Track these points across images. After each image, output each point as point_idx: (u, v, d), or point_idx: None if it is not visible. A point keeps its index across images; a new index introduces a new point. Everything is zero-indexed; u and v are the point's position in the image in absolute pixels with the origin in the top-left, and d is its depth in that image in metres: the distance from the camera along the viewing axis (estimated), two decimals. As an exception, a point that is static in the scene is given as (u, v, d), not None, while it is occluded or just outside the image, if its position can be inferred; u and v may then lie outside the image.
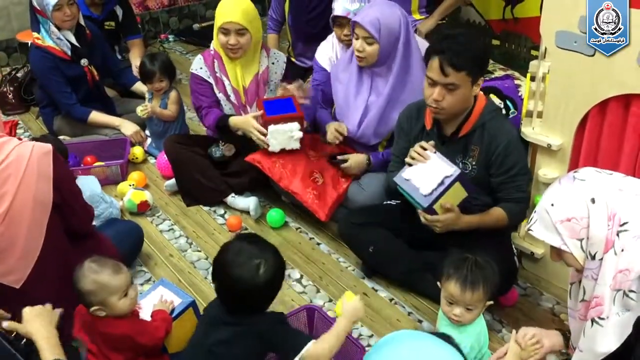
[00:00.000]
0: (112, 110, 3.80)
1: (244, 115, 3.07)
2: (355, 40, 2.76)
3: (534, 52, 3.43)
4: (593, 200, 1.59)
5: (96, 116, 3.63)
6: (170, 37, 5.46)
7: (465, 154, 2.37)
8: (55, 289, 2.04)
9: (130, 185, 3.20)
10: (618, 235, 1.58)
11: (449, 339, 1.50)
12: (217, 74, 3.09)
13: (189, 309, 2.16)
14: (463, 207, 2.33)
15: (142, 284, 2.65)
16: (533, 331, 1.90)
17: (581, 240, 1.62)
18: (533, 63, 2.39)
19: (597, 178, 1.64)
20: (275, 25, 4.09)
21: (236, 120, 3.03)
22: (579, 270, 1.70)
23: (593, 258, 1.62)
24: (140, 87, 3.86)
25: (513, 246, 2.49)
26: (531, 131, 2.44)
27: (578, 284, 1.78)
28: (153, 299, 2.14)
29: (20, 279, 2.04)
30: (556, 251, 1.69)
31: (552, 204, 1.64)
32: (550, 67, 2.30)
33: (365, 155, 2.91)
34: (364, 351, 2.03)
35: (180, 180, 3.21)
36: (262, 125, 2.90)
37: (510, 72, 3.36)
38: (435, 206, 2.26)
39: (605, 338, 1.64)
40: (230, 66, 3.07)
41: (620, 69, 2.09)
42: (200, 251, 2.89)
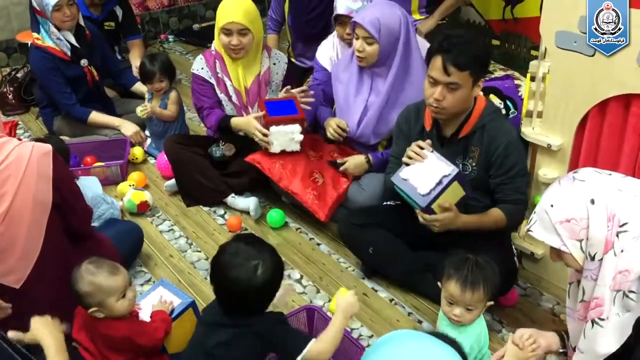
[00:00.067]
0: (112, 110, 3.79)
1: (245, 116, 3.07)
2: (356, 40, 2.76)
3: (533, 52, 3.43)
4: (592, 201, 1.59)
5: (96, 116, 3.63)
6: (170, 38, 5.46)
7: (465, 155, 2.36)
8: (55, 289, 2.04)
9: (130, 186, 3.20)
10: (618, 236, 1.58)
11: (451, 339, 1.50)
12: (219, 75, 3.09)
13: (189, 309, 2.16)
14: (464, 209, 2.33)
15: (142, 285, 2.65)
16: (529, 332, 1.90)
17: (581, 241, 1.62)
18: (533, 63, 2.39)
19: (597, 179, 1.63)
20: (275, 25, 4.08)
21: (238, 121, 3.03)
22: (579, 271, 1.70)
23: (592, 259, 1.61)
24: (140, 88, 3.86)
25: (513, 246, 2.49)
26: (531, 131, 2.44)
27: (577, 283, 1.78)
28: (153, 300, 2.14)
29: (20, 279, 2.04)
30: (556, 252, 1.69)
31: (552, 205, 1.64)
32: (550, 67, 2.30)
33: (363, 156, 2.91)
34: (363, 351, 2.02)
35: (180, 180, 3.21)
36: (264, 126, 2.90)
37: (510, 72, 3.36)
38: (434, 206, 2.25)
39: (605, 339, 1.64)
40: (232, 67, 3.07)
41: (620, 69, 2.09)
42: (200, 251, 2.88)
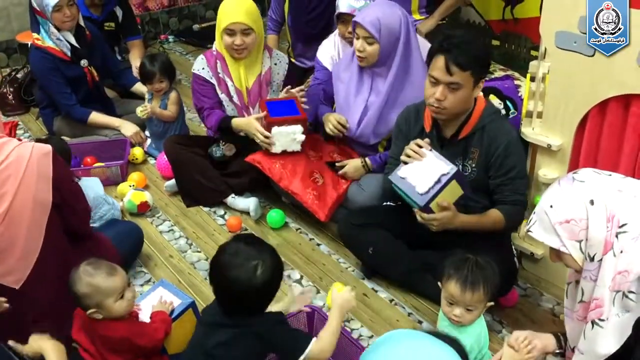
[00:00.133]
0: (112, 111, 3.79)
1: (246, 116, 3.07)
2: (356, 40, 2.76)
3: (533, 53, 3.43)
4: (592, 202, 1.59)
5: (96, 117, 3.62)
6: (170, 38, 5.46)
7: (465, 156, 2.36)
8: (55, 290, 2.04)
9: (130, 186, 3.20)
10: (617, 236, 1.57)
11: (452, 339, 1.50)
12: (220, 75, 3.09)
13: (189, 309, 2.15)
14: (464, 210, 2.32)
15: (142, 285, 2.65)
16: (525, 334, 1.90)
17: (580, 241, 1.62)
18: (533, 63, 2.39)
19: (596, 179, 1.63)
20: (274, 25, 4.08)
21: (239, 122, 3.03)
22: (578, 271, 1.70)
23: (592, 259, 1.61)
24: (140, 88, 3.86)
25: (513, 247, 2.49)
26: (531, 131, 2.44)
27: (575, 284, 1.78)
28: (153, 300, 2.14)
29: (19, 280, 2.04)
30: (555, 252, 1.69)
31: (551, 206, 1.64)
32: (550, 68, 2.30)
33: (360, 160, 2.91)
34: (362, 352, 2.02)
35: (180, 180, 3.21)
36: (266, 126, 2.90)
37: (510, 73, 3.36)
38: (432, 204, 2.23)
39: (605, 340, 1.64)
40: (234, 67, 3.07)
41: (620, 69, 2.09)
42: (200, 252, 2.88)
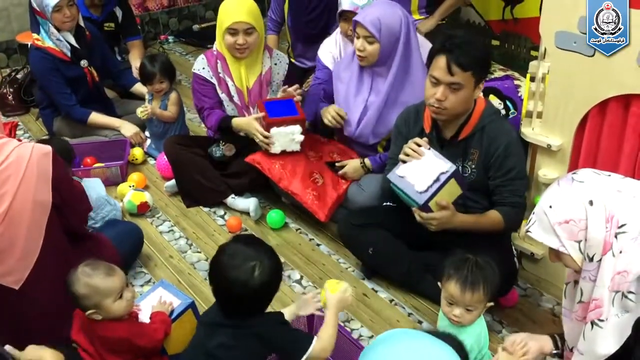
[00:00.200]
0: (112, 111, 3.79)
1: (247, 116, 3.07)
2: (356, 39, 2.76)
3: (533, 53, 3.43)
4: (591, 202, 1.59)
5: (96, 117, 3.62)
6: (170, 38, 5.46)
7: (465, 157, 2.35)
8: (55, 290, 2.04)
9: (130, 187, 3.20)
10: (616, 237, 1.57)
11: (452, 338, 1.50)
12: (220, 75, 3.09)
13: (189, 310, 2.15)
14: (464, 210, 2.32)
15: (142, 285, 2.65)
16: (521, 337, 1.90)
17: (579, 242, 1.61)
18: (533, 63, 2.39)
19: (596, 180, 1.63)
20: (274, 26, 4.08)
21: (239, 122, 3.03)
22: (577, 272, 1.70)
23: (591, 260, 1.61)
24: (140, 89, 3.86)
25: (513, 247, 2.49)
26: (531, 131, 2.44)
27: (574, 284, 1.78)
28: (152, 301, 2.14)
29: (19, 280, 2.04)
30: (554, 252, 1.68)
31: (551, 206, 1.64)
32: (549, 68, 2.30)
33: (359, 160, 2.92)
34: (362, 351, 2.02)
35: (180, 181, 3.21)
36: (265, 127, 2.90)
37: (510, 73, 3.36)
38: (431, 203, 2.22)
39: (605, 340, 1.64)
40: (235, 67, 3.07)
41: (620, 69, 2.09)
42: (200, 252, 2.88)
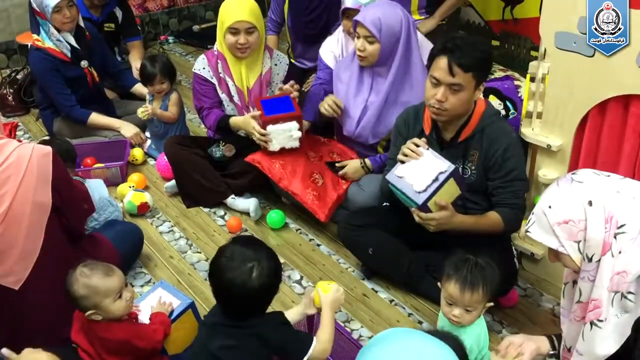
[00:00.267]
0: (112, 112, 3.79)
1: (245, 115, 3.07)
2: (357, 39, 2.76)
3: (533, 53, 3.43)
4: (590, 202, 1.59)
5: (96, 118, 3.62)
6: (170, 39, 5.46)
7: (464, 159, 2.35)
8: (55, 290, 2.03)
9: (130, 187, 3.20)
10: (615, 237, 1.57)
11: (452, 337, 1.50)
12: (221, 75, 3.09)
13: (188, 310, 2.15)
14: (464, 211, 2.32)
15: (142, 286, 2.65)
16: (517, 338, 1.90)
17: (578, 242, 1.61)
18: (533, 64, 2.39)
19: (595, 180, 1.63)
20: (274, 26, 4.07)
21: (236, 120, 3.03)
22: (576, 272, 1.70)
23: (590, 260, 1.61)
24: (140, 89, 3.87)
25: (513, 247, 2.48)
26: (531, 132, 2.44)
27: (572, 284, 1.78)
28: (152, 301, 2.14)
29: (19, 281, 2.04)
30: (554, 253, 1.68)
31: (550, 206, 1.64)
32: (549, 68, 2.30)
33: (359, 161, 2.92)
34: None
35: (181, 181, 3.21)
36: (261, 125, 2.90)
37: (510, 73, 3.36)
38: (430, 204, 2.21)
39: (604, 341, 1.64)
40: (235, 67, 3.07)
41: (619, 69, 2.09)
42: (200, 252, 2.88)
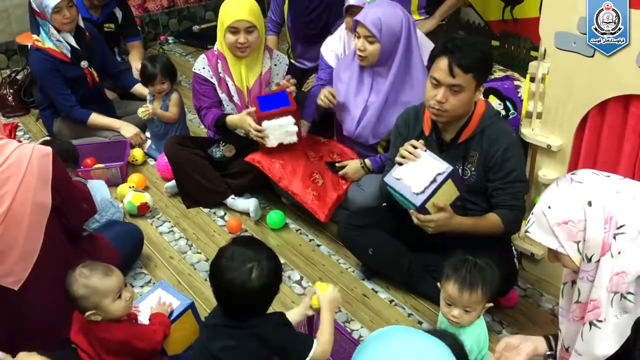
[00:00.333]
0: (112, 112, 3.79)
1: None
2: (357, 39, 2.76)
3: (533, 53, 3.43)
4: (590, 203, 1.59)
5: (96, 118, 3.62)
6: (170, 39, 5.47)
7: (465, 160, 2.34)
8: (54, 291, 2.04)
9: (130, 187, 3.20)
10: (615, 238, 1.57)
11: (451, 336, 1.50)
12: (221, 74, 3.09)
13: (188, 311, 2.15)
14: (463, 212, 2.32)
15: (142, 286, 2.65)
16: (515, 339, 1.90)
17: (578, 242, 1.61)
18: (532, 64, 2.39)
19: (595, 180, 1.63)
20: (274, 26, 4.07)
21: (232, 119, 3.02)
22: (575, 272, 1.70)
23: (589, 260, 1.61)
24: (140, 89, 3.87)
25: (513, 247, 2.48)
26: (531, 132, 2.43)
27: (571, 284, 1.78)
28: (151, 302, 2.14)
29: (19, 281, 2.04)
30: (553, 253, 1.69)
31: (549, 207, 1.64)
32: (549, 68, 2.30)
33: (359, 161, 2.91)
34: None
35: (181, 181, 3.21)
36: (257, 121, 2.89)
37: (509, 73, 3.35)
38: (428, 205, 2.21)
39: (603, 341, 1.64)
40: (235, 66, 3.07)
41: (619, 69, 2.09)
42: (200, 253, 2.88)
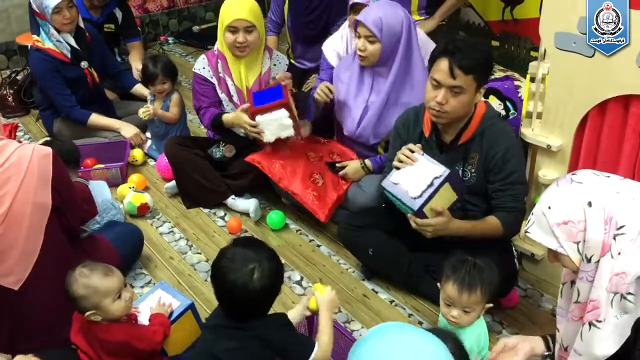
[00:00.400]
0: (112, 112, 3.79)
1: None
2: (358, 39, 2.76)
3: (533, 53, 3.43)
4: (590, 203, 1.58)
5: (96, 119, 3.62)
6: (170, 40, 5.47)
7: (465, 161, 2.34)
8: (54, 291, 2.03)
9: (130, 188, 3.20)
10: (615, 238, 1.57)
11: (453, 337, 1.50)
12: (220, 74, 3.09)
13: (188, 311, 2.15)
14: (463, 213, 2.31)
15: (142, 287, 2.65)
16: (512, 340, 1.90)
17: (578, 243, 1.61)
18: (533, 64, 2.39)
19: (595, 181, 1.63)
20: (274, 27, 4.08)
21: (228, 117, 3.02)
22: (575, 272, 1.70)
23: (589, 261, 1.61)
24: (140, 90, 3.87)
25: (513, 248, 2.48)
26: (531, 132, 2.43)
27: (570, 284, 1.78)
28: (151, 302, 2.14)
29: (19, 281, 2.04)
30: (553, 253, 1.68)
31: (549, 207, 1.64)
32: (549, 68, 2.30)
33: (359, 161, 2.92)
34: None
35: (181, 182, 3.20)
36: (250, 118, 2.88)
37: (510, 73, 3.35)
38: (426, 209, 2.20)
39: (603, 341, 1.64)
40: (235, 66, 3.07)
41: (619, 69, 2.09)
42: (200, 253, 2.88)
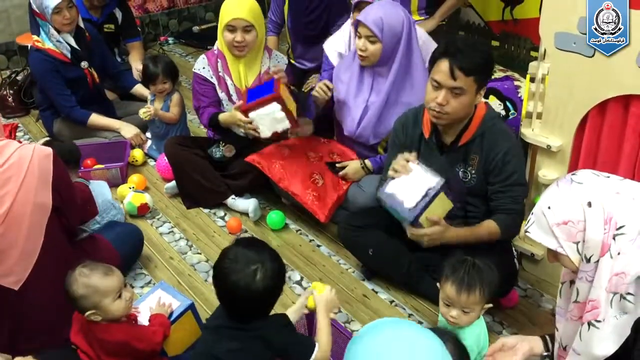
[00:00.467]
0: (112, 113, 3.79)
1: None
2: (358, 39, 2.75)
3: (533, 54, 3.43)
4: (589, 203, 1.58)
5: (96, 119, 3.62)
6: (170, 40, 5.47)
7: (465, 163, 2.33)
8: (55, 291, 2.03)
9: (130, 188, 3.20)
10: (614, 238, 1.57)
11: (453, 336, 1.50)
12: (220, 74, 3.09)
13: (188, 312, 2.15)
14: (464, 214, 2.31)
15: (142, 287, 2.65)
16: (510, 340, 1.90)
17: (577, 243, 1.61)
18: (532, 64, 2.39)
19: (595, 181, 1.63)
20: (274, 27, 4.08)
21: (223, 117, 3.02)
22: (574, 272, 1.70)
23: (588, 261, 1.61)
24: (141, 90, 3.87)
25: (513, 248, 2.48)
26: (531, 132, 2.43)
27: (569, 283, 1.78)
28: (151, 303, 2.14)
29: (19, 281, 2.04)
30: (552, 253, 1.68)
31: (549, 207, 1.64)
32: (549, 68, 2.30)
33: (359, 161, 2.91)
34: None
35: (181, 182, 3.20)
36: (243, 114, 2.87)
37: (509, 73, 3.35)
38: (421, 219, 2.20)
39: (602, 341, 1.64)
40: (234, 65, 3.07)
41: (619, 69, 2.09)
42: (200, 254, 2.88)
